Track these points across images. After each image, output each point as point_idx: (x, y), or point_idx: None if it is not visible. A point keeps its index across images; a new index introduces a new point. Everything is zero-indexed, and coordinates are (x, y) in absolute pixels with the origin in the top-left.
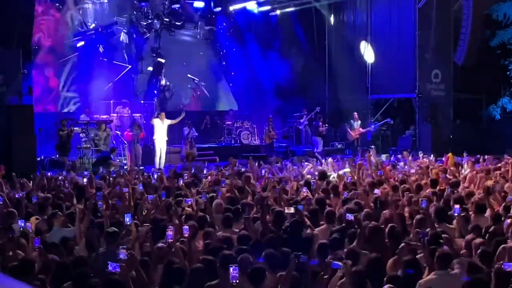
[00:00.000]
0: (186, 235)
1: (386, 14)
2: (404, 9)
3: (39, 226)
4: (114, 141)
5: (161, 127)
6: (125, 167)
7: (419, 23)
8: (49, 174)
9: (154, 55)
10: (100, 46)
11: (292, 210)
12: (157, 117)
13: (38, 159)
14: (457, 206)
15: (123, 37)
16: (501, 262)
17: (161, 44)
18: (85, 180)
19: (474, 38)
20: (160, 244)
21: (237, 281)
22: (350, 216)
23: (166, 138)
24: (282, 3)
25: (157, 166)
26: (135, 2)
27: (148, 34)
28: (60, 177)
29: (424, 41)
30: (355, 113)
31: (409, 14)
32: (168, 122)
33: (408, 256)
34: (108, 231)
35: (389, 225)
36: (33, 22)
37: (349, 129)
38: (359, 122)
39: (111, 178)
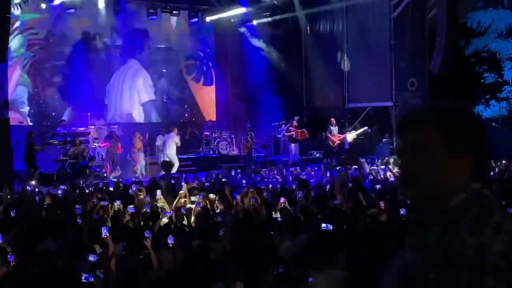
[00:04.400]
0: (171, 245)
1: (362, 24)
2: (380, 18)
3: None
4: (91, 153)
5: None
6: (103, 176)
7: (395, 32)
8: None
9: None
10: None
11: None
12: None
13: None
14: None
15: None
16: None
17: None
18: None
19: (449, 47)
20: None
21: None
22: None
23: None
24: (259, 13)
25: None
26: None
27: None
28: (36, 190)
29: (400, 50)
30: (332, 119)
31: (384, 24)
32: None
33: None
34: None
35: None
36: (8, 33)
37: (329, 135)
38: (337, 127)
39: (89, 190)
